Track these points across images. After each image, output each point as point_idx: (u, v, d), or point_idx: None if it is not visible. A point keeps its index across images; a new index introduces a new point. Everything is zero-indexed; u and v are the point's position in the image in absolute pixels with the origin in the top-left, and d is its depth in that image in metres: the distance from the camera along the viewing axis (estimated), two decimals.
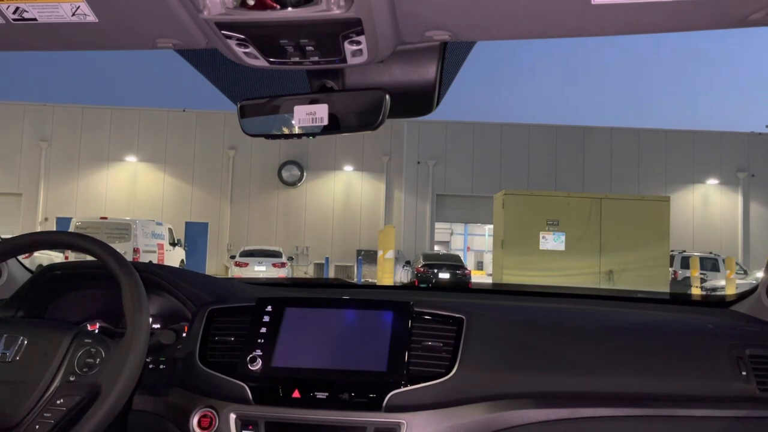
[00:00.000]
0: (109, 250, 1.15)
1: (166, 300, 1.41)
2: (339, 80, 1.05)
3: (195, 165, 22.10)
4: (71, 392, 1.03)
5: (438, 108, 1.35)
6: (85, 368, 1.07)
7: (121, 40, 0.86)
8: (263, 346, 1.20)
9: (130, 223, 15.90)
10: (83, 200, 21.69)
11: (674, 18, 0.75)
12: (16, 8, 0.76)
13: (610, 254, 9.95)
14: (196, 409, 1.18)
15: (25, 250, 1.19)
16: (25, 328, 1.12)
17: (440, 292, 1.73)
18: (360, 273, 17.52)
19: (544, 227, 10.04)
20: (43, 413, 1.00)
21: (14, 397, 1.02)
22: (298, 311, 1.26)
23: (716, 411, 1.19)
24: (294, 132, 1.05)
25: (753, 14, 0.73)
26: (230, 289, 1.49)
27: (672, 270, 15.47)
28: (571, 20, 0.77)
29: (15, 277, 1.49)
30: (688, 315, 1.48)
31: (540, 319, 1.35)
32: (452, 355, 1.19)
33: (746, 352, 1.24)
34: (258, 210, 22.18)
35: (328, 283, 2.22)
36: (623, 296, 1.71)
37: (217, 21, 0.76)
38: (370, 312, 1.24)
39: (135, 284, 1.11)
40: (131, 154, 22.08)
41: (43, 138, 21.80)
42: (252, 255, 17.29)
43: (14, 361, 1.06)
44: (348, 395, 1.14)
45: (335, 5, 0.72)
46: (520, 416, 1.15)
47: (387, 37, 0.83)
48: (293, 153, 21.94)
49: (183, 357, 1.28)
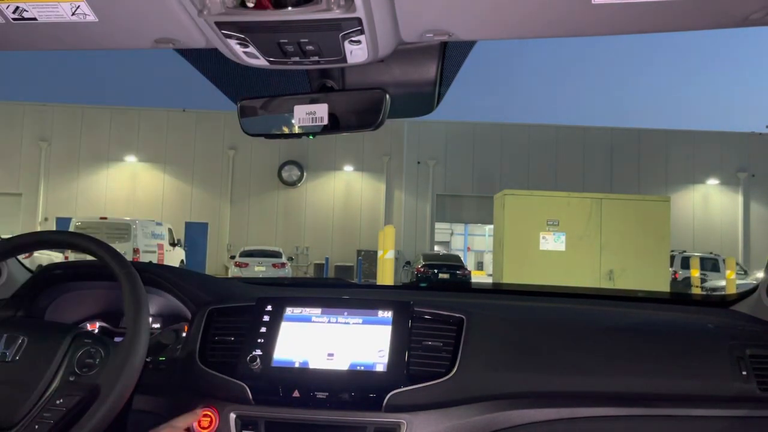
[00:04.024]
0: (109, 250, 1.15)
1: (166, 300, 1.41)
2: (339, 80, 1.05)
3: (195, 165, 22.10)
4: (71, 392, 1.03)
5: (438, 108, 1.35)
6: (84, 368, 1.07)
7: (121, 40, 0.86)
8: (263, 346, 1.20)
9: (130, 224, 15.89)
10: (83, 200, 21.69)
11: (674, 18, 0.75)
12: (16, 8, 0.76)
13: (610, 254, 9.94)
14: (196, 409, 1.18)
15: (25, 250, 1.19)
16: (25, 328, 1.12)
17: (440, 292, 1.72)
18: (360, 273, 17.52)
19: (544, 227, 10.02)
20: (43, 413, 1.00)
21: (14, 397, 1.02)
22: (298, 311, 1.26)
23: (716, 411, 1.19)
24: (294, 132, 1.05)
25: (753, 14, 0.73)
26: (230, 288, 1.49)
27: (672, 270, 15.46)
28: (571, 20, 0.77)
29: (15, 277, 1.49)
30: (688, 315, 1.48)
31: (540, 319, 1.34)
32: (452, 355, 1.19)
33: (746, 352, 1.24)
34: (258, 210, 22.18)
35: (328, 282, 2.22)
36: (623, 296, 1.71)
37: (217, 21, 0.76)
38: (370, 312, 1.24)
39: (135, 284, 1.11)
40: (131, 154, 22.08)
41: (43, 138, 21.80)
42: (252, 255, 17.29)
43: (14, 361, 1.06)
44: (348, 395, 1.14)
45: (335, 5, 0.72)
46: (520, 416, 1.15)
47: (387, 36, 0.83)
48: (293, 153, 21.94)
49: (183, 357, 1.28)
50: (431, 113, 1.40)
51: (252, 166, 22.19)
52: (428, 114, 1.40)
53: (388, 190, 22.41)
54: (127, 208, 21.17)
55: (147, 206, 21.55)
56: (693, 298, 2.75)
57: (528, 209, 10.14)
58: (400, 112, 1.40)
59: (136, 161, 22.11)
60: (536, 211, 10.09)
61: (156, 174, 22.12)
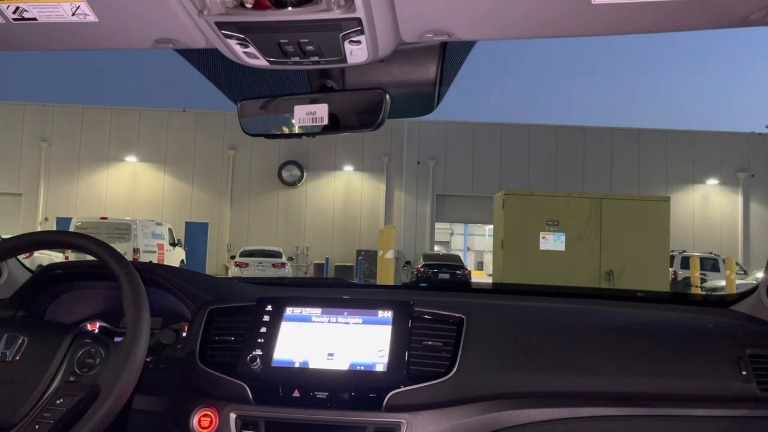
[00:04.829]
0: (109, 250, 1.15)
1: (166, 300, 1.41)
2: (339, 80, 1.05)
3: (195, 165, 22.10)
4: (71, 392, 1.03)
5: (438, 108, 1.35)
6: (84, 368, 1.07)
7: (121, 40, 0.86)
8: (263, 346, 1.20)
9: (130, 223, 15.90)
10: (83, 200, 21.69)
11: (674, 18, 0.75)
12: (16, 8, 0.76)
13: (610, 254, 9.94)
14: (196, 409, 1.18)
15: (26, 250, 1.19)
16: (25, 327, 1.12)
17: (440, 292, 1.72)
18: (360, 273, 17.53)
19: (544, 227, 10.03)
20: (43, 413, 1.00)
21: (14, 397, 1.02)
22: (298, 311, 1.26)
23: (716, 411, 1.19)
24: (294, 132, 1.05)
25: (753, 14, 0.73)
26: (230, 288, 1.48)
27: (672, 270, 15.47)
28: (571, 20, 0.77)
29: (15, 277, 1.49)
30: (688, 315, 1.48)
31: (540, 319, 1.34)
32: (452, 355, 1.19)
33: (746, 352, 1.24)
34: (258, 210, 22.18)
35: (328, 282, 2.21)
36: (623, 296, 1.71)
37: (217, 21, 0.76)
38: (370, 311, 1.24)
39: (135, 284, 1.11)
40: (131, 154, 22.08)
41: (43, 138, 21.80)
42: (252, 255, 17.30)
43: (14, 361, 1.06)
44: (348, 395, 1.14)
45: (335, 5, 0.72)
46: (520, 416, 1.15)
47: (387, 36, 0.83)
48: (293, 153, 21.94)
49: (183, 357, 1.28)
50: (431, 113, 1.40)
51: (252, 166, 22.19)
52: (428, 114, 1.40)
53: (388, 190, 22.41)
54: (127, 208, 21.17)
55: (147, 206, 21.55)
56: (693, 298, 2.75)
57: (528, 209, 10.14)
58: (400, 112, 1.40)
59: (136, 161, 22.10)
60: (536, 211, 10.09)
61: (156, 174, 22.11)
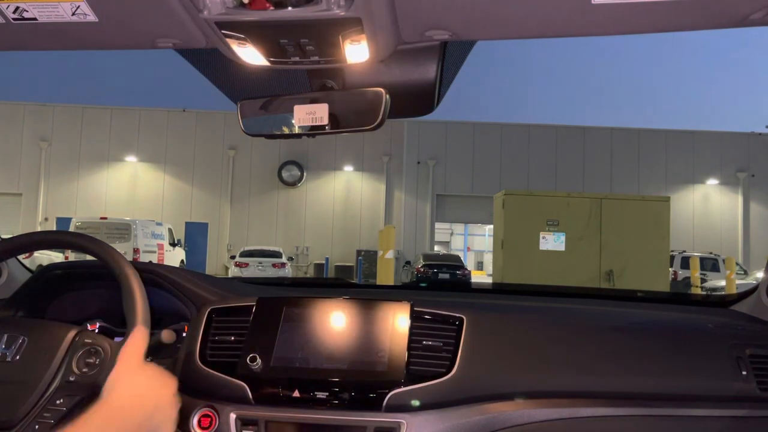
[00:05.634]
0: (109, 250, 1.15)
1: (166, 300, 1.40)
2: (339, 80, 1.05)
3: (195, 165, 22.11)
4: (71, 392, 1.03)
5: (438, 108, 1.35)
6: (85, 368, 1.07)
7: (121, 40, 0.86)
8: (263, 346, 1.20)
9: (130, 224, 15.92)
10: (83, 200, 21.69)
11: (674, 18, 0.75)
12: (16, 8, 0.76)
13: (610, 254, 9.94)
14: (196, 409, 1.18)
15: (25, 250, 1.19)
16: (26, 327, 1.12)
17: (440, 292, 1.72)
18: (360, 273, 17.53)
19: (544, 227, 10.03)
20: (43, 413, 1.00)
21: (14, 397, 1.02)
22: (298, 311, 1.26)
23: (716, 411, 1.19)
24: (294, 132, 1.05)
25: (753, 14, 0.73)
26: (230, 288, 1.48)
27: (672, 270, 15.47)
28: (571, 20, 0.77)
29: (15, 277, 1.49)
30: (688, 315, 1.48)
31: (540, 319, 1.34)
32: (452, 355, 1.19)
33: (746, 352, 1.24)
34: (258, 210, 22.19)
35: (328, 282, 2.21)
36: (623, 296, 1.71)
37: (217, 21, 0.76)
38: (370, 312, 1.24)
39: (135, 284, 1.11)
40: (131, 154, 22.09)
41: (43, 138, 21.81)
42: (252, 255, 17.31)
43: (14, 361, 1.06)
44: (348, 395, 1.14)
45: (335, 5, 0.72)
46: (520, 416, 1.15)
47: (387, 36, 0.83)
48: (293, 153, 21.95)
49: (183, 357, 1.28)
50: (431, 113, 1.40)
51: (252, 166, 22.20)
52: (428, 114, 1.40)
53: (388, 190, 22.42)
54: (128, 208, 21.18)
55: (147, 206, 21.55)
56: (693, 298, 2.75)
57: (528, 209, 10.14)
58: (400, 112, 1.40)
59: (137, 161, 22.11)
60: (536, 211, 10.09)
61: (156, 174, 22.12)
